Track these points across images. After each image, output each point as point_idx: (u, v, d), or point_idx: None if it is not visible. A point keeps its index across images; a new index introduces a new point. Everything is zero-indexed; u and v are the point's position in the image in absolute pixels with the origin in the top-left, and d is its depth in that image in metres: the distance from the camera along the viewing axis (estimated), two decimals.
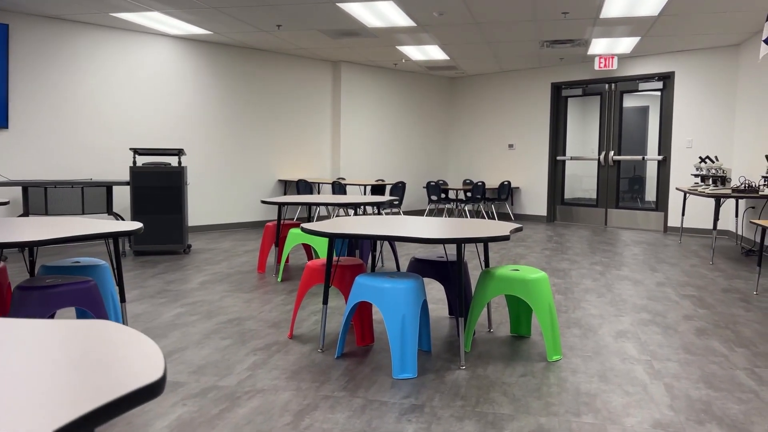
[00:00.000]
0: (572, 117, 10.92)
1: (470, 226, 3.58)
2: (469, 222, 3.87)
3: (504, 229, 3.46)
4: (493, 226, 3.59)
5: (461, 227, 3.54)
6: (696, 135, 9.06)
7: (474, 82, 11.96)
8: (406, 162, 11.69)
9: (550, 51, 9.32)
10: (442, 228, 3.49)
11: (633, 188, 10.20)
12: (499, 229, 3.48)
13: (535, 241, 8.41)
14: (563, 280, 5.69)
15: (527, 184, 11.18)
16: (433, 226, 3.55)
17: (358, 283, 3.28)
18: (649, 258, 6.98)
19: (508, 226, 3.63)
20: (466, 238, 3.09)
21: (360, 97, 10.73)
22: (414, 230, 3.34)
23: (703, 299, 4.91)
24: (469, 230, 3.37)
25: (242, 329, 3.96)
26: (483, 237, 3.12)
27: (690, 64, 9.07)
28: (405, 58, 10.08)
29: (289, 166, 9.96)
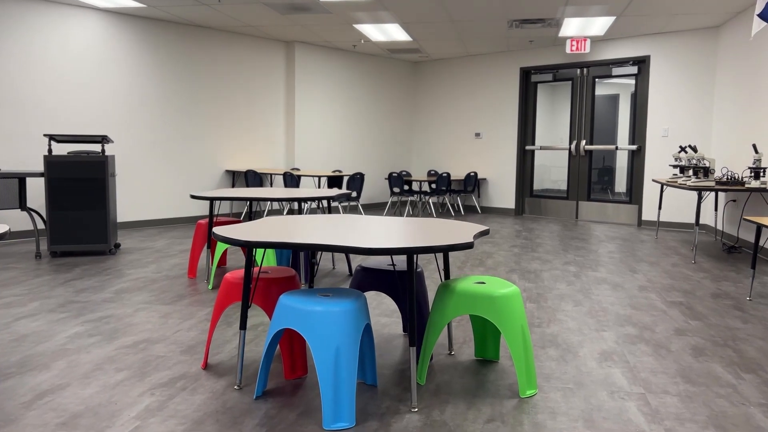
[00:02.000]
0: (542, 104, 10.33)
1: (428, 229, 2.90)
2: (427, 223, 3.18)
3: (467, 233, 2.79)
4: (455, 229, 2.91)
5: (417, 230, 2.85)
6: (672, 123, 8.54)
7: (439, 67, 11.28)
8: (366, 151, 10.96)
9: (519, 32, 8.68)
10: (393, 232, 2.79)
11: (602, 179, 9.66)
12: (461, 232, 2.81)
13: (503, 236, 7.79)
14: (535, 284, 5.06)
15: (495, 175, 10.58)
16: (384, 229, 2.85)
17: (282, 304, 2.56)
18: (626, 256, 6.41)
19: (472, 228, 2.95)
20: (420, 248, 2.40)
21: (316, 81, 9.95)
22: (358, 235, 2.64)
23: (693, 307, 4.32)
24: (425, 234, 2.69)
25: (146, 356, 3.20)
26: (440, 246, 2.44)
27: (666, 47, 8.53)
28: (364, 39, 9.33)
29: (238, 155, 9.15)
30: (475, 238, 2.80)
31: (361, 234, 2.70)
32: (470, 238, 2.64)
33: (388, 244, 2.44)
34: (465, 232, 2.83)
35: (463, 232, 2.85)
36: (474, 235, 2.78)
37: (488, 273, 5.48)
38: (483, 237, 7.61)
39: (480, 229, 2.98)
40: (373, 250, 2.35)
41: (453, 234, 2.76)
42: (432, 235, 2.73)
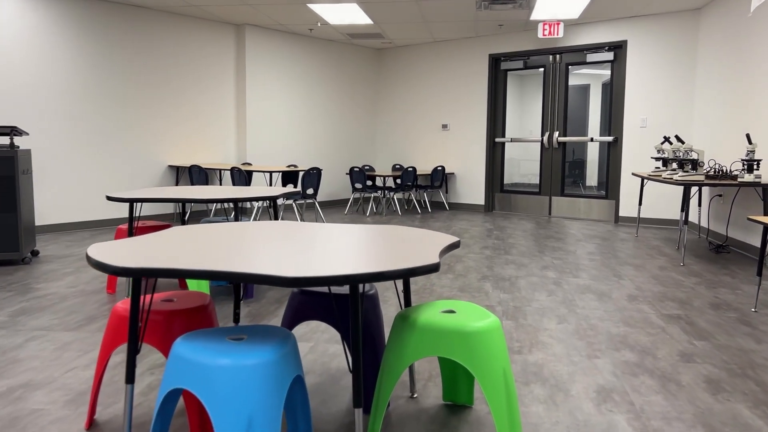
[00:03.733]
0: (512, 93, 9.73)
1: (384, 242, 2.21)
2: (384, 234, 2.50)
3: (432, 248, 2.11)
4: (417, 242, 2.23)
5: (369, 245, 2.16)
6: (651, 112, 8.01)
7: (403, 54, 10.59)
8: (326, 145, 10.22)
9: (488, 15, 8.03)
10: (338, 246, 2.10)
11: (573, 173, 9.12)
12: (425, 246, 2.13)
13: (473, 236, 7.16)
14: (511, 294, 4.41)
15: (463, 169, 9.95)
16: (326, 243, 2.15)
17: (175, 354, 1.85)
18: (607, 258, 5.83)
19: (437, 241, 2.28)
20: (367, 275, 1.71)
21: (270, 68, 9.16)
22: (287, 253, 1.94)
23: (694, 322, 3.73)
24: (379, 251, 2.00)
25: (16, 411, 2.45)
26: (395, 271, 1.76)
27: (644, 31, 7.98)
28: (321, 22, 8.57)
29: (183, 149, 8.32)
30: (442, 255, 2.13)
31: (292, 251, 2.00)
32: (435, 257, 1.96)
33: (325, 268, 1.74)
34: (429, 246, 2.15)
35: (426, 245, 2.17)
36: (441, 252, 2.11)
37: (458, 280, 4.82)
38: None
39: (448, 241, 2.30)
40: (297, 281, 1.65)
41: (414, 249, 2.08)
42: (387, 251, 2.05)
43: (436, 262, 1.90)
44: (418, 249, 2.11)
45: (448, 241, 2.32)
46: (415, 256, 1.98)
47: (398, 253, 2.03)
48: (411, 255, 1.99)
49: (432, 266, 1.88)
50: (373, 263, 1.84)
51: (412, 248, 2.12)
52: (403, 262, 1.88)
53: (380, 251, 2.05)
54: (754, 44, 5.94)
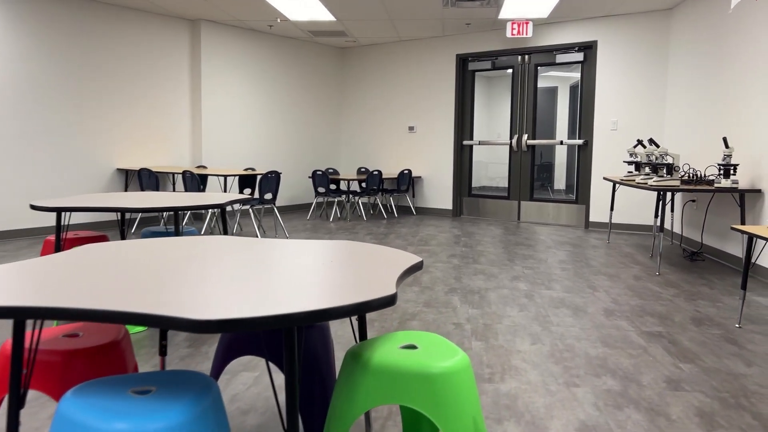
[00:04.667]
0: (480, 95, 9.46)
1: (334, 264, 1.84)
2: (336, 251, 2.14)
3: (389, 273, 1.76)
4: (374, 264, 1.88)
5: (315, 269, 1.79)
6: (621, 115, 7.81)
7: (368, 53, 10.23)
8: (288, 147, 9.80)
9: (455, 13, 7.73)
10: (276, 271, 1.73)
11: (541, 176, 8.88)
12: (382, 270, 1.78)
13: (440, 243, 6.83)
14: (480, 309, 4.09)
15: (430, 173, 9.63)
16: (262, 267, 1.78)
17: (60, 414, 1.45)
18: (580, 267, 5.56)
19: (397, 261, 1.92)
20: (304, 314, 1.35)
21: (227, 66, 8.71)
22: (213, 282, 1.57)
23: (677, 341, 3.45)
24: (326, 276, 1.63)
25: None
26: (343, 307, 1.41)
27: (614, 31, 7.78)
28: (281, 18, 8.17)
29: (134, 151, 7.82)
30: (402, 281, 1.78)
31: (218, 280, 1.62)
32: (391, 286, 1.61)
33: (251, 304, 1.36)
34: (386, 271, 1.79)
35: (383, 269, 1.82)
36: (399, 277, 1.75)
37: (424, 294, 4.48)
38: (418, 245, 6.63)
39: (409, 262, 1.95)
40: (205, 325, 1.28)
41: (368, 274, 1.72)
42: (336, 278, 1.69)
43: (392, 294, 1.54)
44: (373, 274, 1.75)
45: (408, 261, 1.97)
46: (369, 284, 1.62)
47: (348, 280, 1.66)
48: (363, 283, 1.63)
49: (387, 299, 1.53)
50: (315, 297, 1.48)
51: (365, 273, 1.76)
52: (353, 294, 1.52)
53: (327, 278, 1.69)
54: (726, 45, 5.74)
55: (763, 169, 4.97)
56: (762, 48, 5.05)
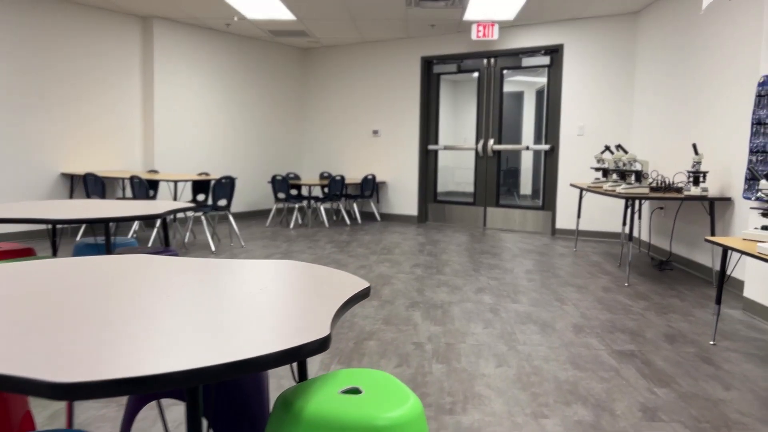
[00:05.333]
0: (446, 98, 9.24)
1: (264, 296, 1.55)
2: (272, 275, 1.85)
3: (329, 305, 1.48)
4: (310, 294, 1.58)
5: (238, 304, 1.49)
6: (588, 120, 7.67)
7: (331, 55, 9.94)
8: (247, 151, 9.43)
9: (419, 14, 7.50)
10: (190, 307, 1.42)
11: (507, 181, 8.71)
12: (320, 304, 1.49)
13: (404, 252, 6.57)
14: (442, 326, 3.82)
15: (395, 178, 9.38)
16: (174, 302, 1.47)
17: None
18: (547, 277, 5.35)
19: (342, 288, 1.63)
20: (210, 371, 1.06)
21: (182, 66, 8.32)
22: (103, 322, 1.26)
23: (651, 361, 3.23)
24: (250, 314, 1.33)
25: None
26: (262, 358, 1.12)
27: (581, 35, 7.64)
28: (238, 16, 7.82)
29: (81, 154, 7.37)
30: (343, 313, 1.50)
31: (108, 321, 1.31)
32: (325, 326, 1.32)
33: (144, 356, 1.06)
34: (324, 302, 1.50)
35: (321, 299, 1.53)
36: (338, 311, 1.47)
37: (383, 309, 4.20)
38: (381, 254, 6.35)
39: (354, 289, 1.67)
40: (68, 390, 0.97)
41: (302, 308, 1.43)
42: (262, 314, 1.39)
43: (324, 337, 1.26)
44: (308, 308, 1.45)
45: (352, 288, 1.68)
46: (299, 323, 1.32)
47: (277, 317, 1.37)
48: (293, 321, 1.34)
49: (318, 344, 1.24)
50: (230, 343, 1.18)
51: (299, 307, 1.46)
52: (278, 337, 1.22)
53: (251, 315, 1.39)
54: (693, 49, 5.62)
55: (732, 176, 4.83)
56: (730, 52, 4.92)
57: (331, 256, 6.22)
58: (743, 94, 4.67)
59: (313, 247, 6.79)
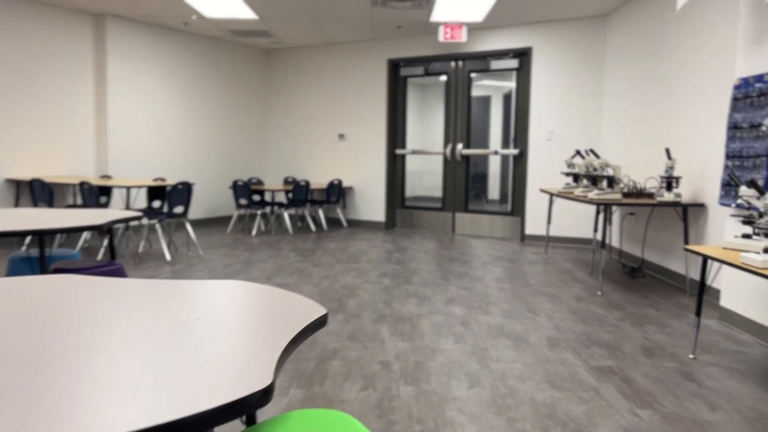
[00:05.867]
0: (413, 102, 9.05)
1: (198, 332, 1.29)
2: (212, 301, 1.59)
3: (275, 343, 1.25)
4: (256, 327, 1.35)
5: (166, 343, 1.23)
6: (557, 124, 7.55)
7: (295, 56, 9.66)
8: (208, 155, 9.08)
9: (385, 14, 7.29)
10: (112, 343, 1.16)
11: (475, 186, 8.55)
12: (265, 342, 1.26)
13: (371, 260, 6.33)
14: (411, 342, 3.59)
15: (362, 183, 9.14)
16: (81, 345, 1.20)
17: None
18: (518, 286, 5.17)
19: (297, 318, 1.39)
20: None
21: (137, 66, 7.94)
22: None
23: (630, 378, 3.05)
24: (178, 356, 1.07)
25: None
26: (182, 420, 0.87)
27: (550, 38, 7.53)
28: (196, 15, 7.49)
29: (29, 158, 6.94)
30: (290, 353, 1.26)
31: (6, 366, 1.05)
32: (267, 373, 1.08)
33: (32, 420, 0.80)
34: (270, 338, 1.26)
35: (268, 333, 1.29)
36: (285, 348, 1.22)
37: (348, 323, 3.95)
38: (347, 262, 6.10)
39: (308, 318, 1.43)
40: None
41: (243, 347, 1.18)
42: (195, 355, 1.14)
43: (265, 388, 1.02)
44: (250, 346, 1.21)
45: (306, 317, 1.44)
46: (237, 368, 1.08)
47: (210, 361, 1.11)
48: (230, 366, 1.09)
49: (256, 397, 1.00)
50: (149, 401, 0.92)
51: (239, 344, 1.21)
52: (209, 390, 0.97)
53: (179, 356, 1.13)
54: (663, 52, 5.52)
55: (706, 181, 4.72)
56: (703, 55, 4.82)
57: (294, 265, 5.94)
58: (717, 97, 4.57)
59: (276, 255, 6.50)
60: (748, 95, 3.73)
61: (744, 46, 3.89)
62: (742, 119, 3.78)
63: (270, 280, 5.24)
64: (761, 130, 3.57)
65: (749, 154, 3.68)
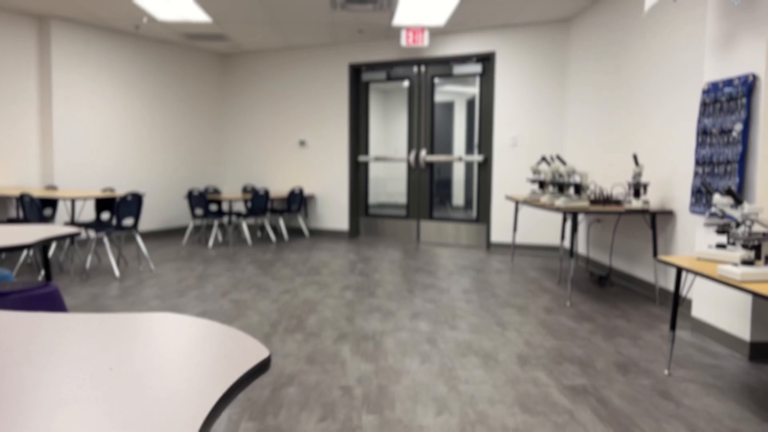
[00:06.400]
0: (376, 107, 8.86)
1: (125, 369, 1.04)
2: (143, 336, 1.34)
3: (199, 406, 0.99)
4: (178, 376, 1.09)
5: (57, 402, 0.97)
6: (522, 130, 7.45)
7: (254, 60, 9.37)
8: (163, 163, 8.71)
9: (346, 18, 7.08)
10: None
11: (441, 192, 8.40)
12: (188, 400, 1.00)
13: (333, 272, 6.09)
14: (374, 364, 3.37)
15: (324, 191, 8.89)
16: None
17: None
18: (485, 297, 5.00)
19: (230, 364, 1.14)
20: None
21: (85, 71, 7.55)
22: None
23: (605, 398, 2.89)
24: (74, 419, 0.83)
25: None
26: None
27: (513, 42, 7.42)
28: (147, 17, 7.16)
29: None
30: (218, 412, 1.02)
31: None
32: None
33: None
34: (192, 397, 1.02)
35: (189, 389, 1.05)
36: (207, 417, 0.99)
37: (308, 344, 3.71)
38: (309, 275, 5.85)
39: (245, 366, 1.20)
40: None
41: (162, 402, 0.94)
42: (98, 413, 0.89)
43: None
44: (168, 406, 0.96)
45: (245, 362, 1.20)
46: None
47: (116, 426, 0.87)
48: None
49: None
50: None
51: (155, 403, 0.97)
52: None
53: (79, 422, 0.88)
54: (630, 56, 5.44)
55: (674, 188, 4.63)
56: (667, 58, 4.74)
57: (252, 279, 5.66)
58: (685, 102, 4.48)
59: (233, 268, 6.21)
60: (718, 100, 3.63)
61: (712, 50, 3.80)
62: (712, 124, 3.68)
63: (225, 296, 4.96)
64: (732, 136, 3.46)
65: (720, 160, 3.58)
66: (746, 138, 3.39)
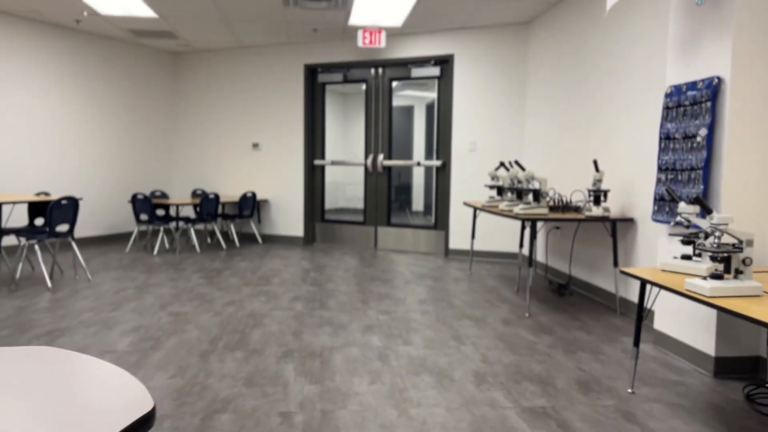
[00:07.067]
0: (332, 110, 8.58)
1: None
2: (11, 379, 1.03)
3: None
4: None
5: None
6: (480, 134, 7.28)
7: (205, 60, 8.99)
8: (107, 166, 8.26)
9: (300, 16, 6.80)
10: None
11: (400, 198, 8.18)
12: None
13: (284, 281, 5.79)
14: (320, 385, 3.10)
15: (278, 195, 8.57)
16: None
17: None
18: (442, 308, 4.78)
19: (101, 422, 0.87)
20: None
21: (22, 68, 7.08)
22: None
23: (566, 421, 2.68)
24: None
25: None
26: None
27: (472, 45, 7.26)
28: (89, 11, 6.74)
29: None
30: None
31: None
32: None
33: None
34: None
35: None
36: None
37: (248, 363, 3.41)
38: (258, 285, 5.53)
39: (123, 422, 0.92)
40: None
41: None
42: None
43: None
44: None
45: (123, 417, 0.93)
46: None
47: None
48: None
49: None
50: None
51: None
52: None
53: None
54: (590, 59, 5.31)
55: (635, 195, 4.49)
56: (628, 61, 4.61)
57: (196, 290, 5.32)
58: (647, 106, 4.35)
59: (177, 278, 5.84)
60: (681, 104, 3.49)
61: (675, 52, 3.66)
62: (675, 129, 3.54)
63: (165, 309, 4.61)
64: (696, 142, 3.32)
65: (683, 166, 3.43)
66: (711, 143, 3.25)
